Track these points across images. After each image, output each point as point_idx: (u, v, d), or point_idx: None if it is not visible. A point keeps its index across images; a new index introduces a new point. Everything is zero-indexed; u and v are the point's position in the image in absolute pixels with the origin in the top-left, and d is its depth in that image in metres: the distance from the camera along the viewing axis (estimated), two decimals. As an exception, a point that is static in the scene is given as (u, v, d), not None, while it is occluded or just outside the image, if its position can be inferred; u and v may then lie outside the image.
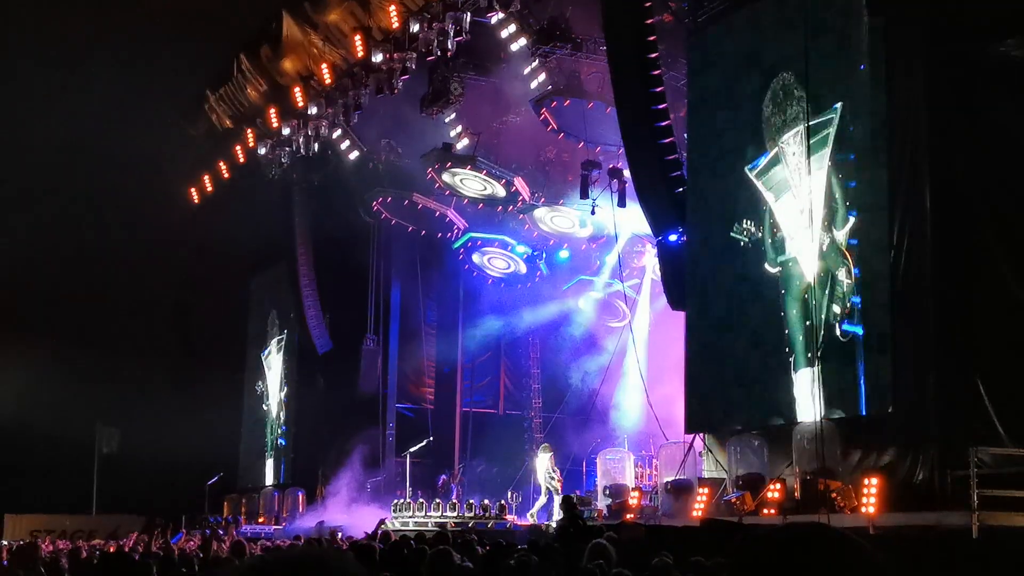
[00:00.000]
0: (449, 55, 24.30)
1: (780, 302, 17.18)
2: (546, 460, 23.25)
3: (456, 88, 25.69)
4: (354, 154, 29.68)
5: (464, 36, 23.37)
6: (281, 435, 34.16)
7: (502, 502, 23.37)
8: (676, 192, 19.79)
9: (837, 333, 15.85)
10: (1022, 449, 13.14)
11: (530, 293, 31.29)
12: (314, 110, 27.56)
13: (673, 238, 20.18)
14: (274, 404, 34.85)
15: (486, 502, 23.29)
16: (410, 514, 23.67)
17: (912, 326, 14.68)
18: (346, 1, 25.12)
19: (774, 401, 17.16)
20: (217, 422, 33.44)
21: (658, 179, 19.89)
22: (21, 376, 31.22)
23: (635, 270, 28.23)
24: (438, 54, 24.16)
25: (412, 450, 27.36)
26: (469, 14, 23.12)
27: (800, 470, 15.69)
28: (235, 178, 31.65)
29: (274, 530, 28.31)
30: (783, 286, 17.21)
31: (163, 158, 33.25)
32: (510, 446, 30.12)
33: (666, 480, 19.13)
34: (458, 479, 27.61)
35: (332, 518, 25.72)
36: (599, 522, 17.68)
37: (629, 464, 22.59)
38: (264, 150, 29.85)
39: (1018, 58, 14.28)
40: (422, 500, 24.27)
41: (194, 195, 33.04)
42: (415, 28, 23.66)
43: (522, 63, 24.63)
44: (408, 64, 24.49)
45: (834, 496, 14.52)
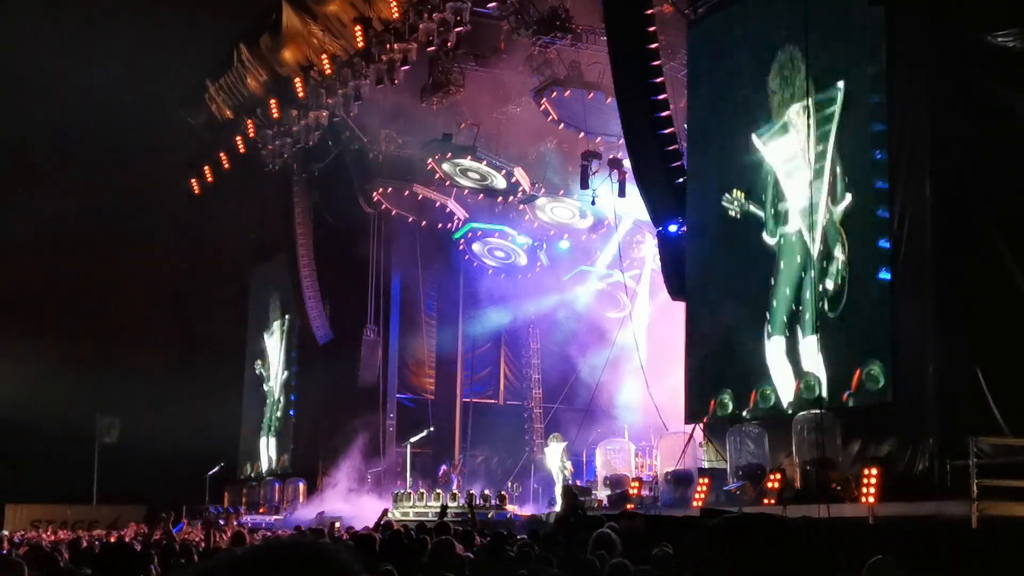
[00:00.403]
0: (450, 45, 24.26)
1: (775, 274, 17.19)
2: (559, 450, 23.33)
3: (457, 78, 25.67)
4: (354, 145, 29.65)
5: (464, 27, 23.33)
6: (280, 418, 34.15)
7: (502, 492, 23.40)
8: (676, 182, 19.80)
9: (826, 309, 15.89)
10: (1022, 439, 13.12)
11: (530, 284, 31.27)
12: (314, 100, 27.53)
13: (673, 228, 20.20)
14: (276, 386, 34.82)
15: (487, 492, 23.34)
16: (411, 504, 23.71)
17: (912, 314, 14.66)
18: (346, -9, 25.12)
19: (759, 374, 17.23)
20: (217, 412, 33.42)
21: (658, 169, 19.91)
22: (21, 366, 31.20)
23: (635, 261, 28.23)
24: (438, 45, 24.13)
25: (412, 440, 27.39)
26: (470, 4, 23.07)
27: (800, 460, 15.69)
28: (235, 168, 31.64)
29: (274, 520, 28.35)
30: (780, 258, 17.22)
31: (163, 148, 33.21)
32: (510, 436, 30.16)
33: (666, 470, 19.14)
34: (458, 469, 27.64)
35: (332, 508, 25.74)
36: (599, 511, 17.69)
37: (629, 454, 22.63)
38: (264, 140, 29.82)
39: (1017, 48, 14.22)
40: (422, 490, 24.31)
41: (195, 185, 33.02)
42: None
43: (522, 53, 24.60)
44: (408, 54, 24.46)
45: (834, 486, 14.51)
